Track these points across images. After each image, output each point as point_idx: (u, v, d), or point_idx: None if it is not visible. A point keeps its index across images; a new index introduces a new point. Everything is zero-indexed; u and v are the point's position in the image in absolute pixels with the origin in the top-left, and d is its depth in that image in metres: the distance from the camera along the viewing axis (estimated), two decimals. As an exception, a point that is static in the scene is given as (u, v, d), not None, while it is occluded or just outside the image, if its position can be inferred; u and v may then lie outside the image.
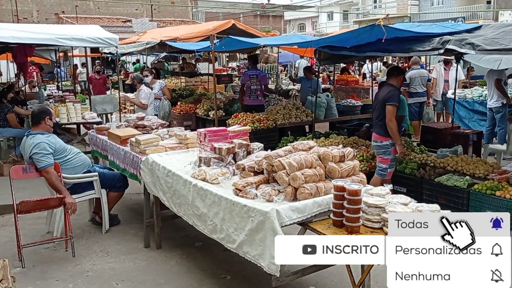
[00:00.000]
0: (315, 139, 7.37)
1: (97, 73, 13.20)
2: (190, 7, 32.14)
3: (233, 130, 4.74)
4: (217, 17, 33.71)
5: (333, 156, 3.54)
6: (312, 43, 7.21)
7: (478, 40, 4.96)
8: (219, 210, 3.54)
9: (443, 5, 36.63)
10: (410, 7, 38.66)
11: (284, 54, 16.04)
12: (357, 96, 11.07)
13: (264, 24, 43.97)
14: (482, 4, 35.19)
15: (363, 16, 40.54)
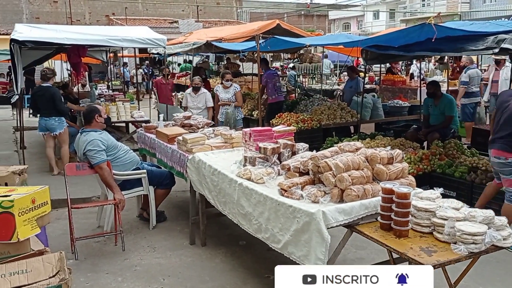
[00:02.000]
0: (360, 140, 7.25)
1: (163, 76, 11.49)
2: (235, 7, 32.42)
3: (278, 130, 4.74)
4: (262, 17, 33.81)
5: (381, 158, 3.47)
6: (359, 42, 7.12)
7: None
8: (264, 210, 3.55)
9: (496, 3, 35.10)
10: (461, 5, 37.31)
11: (329, 54, 15.89)
12: (404, 97, 10.81)
13: (308, 24, 43.72)
14: (540, 0, 33.46)
15: (410, 14, 39.50)
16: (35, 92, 7.95)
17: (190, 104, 8.22)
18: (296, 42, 8.72)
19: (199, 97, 8.22)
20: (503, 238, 2.74)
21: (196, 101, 8.20)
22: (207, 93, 8.30)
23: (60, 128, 7.43)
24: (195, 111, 7.91)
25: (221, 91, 8.42)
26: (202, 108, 8.16)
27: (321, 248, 3.04)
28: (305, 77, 18.86)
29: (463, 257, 2.68)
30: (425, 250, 2.73)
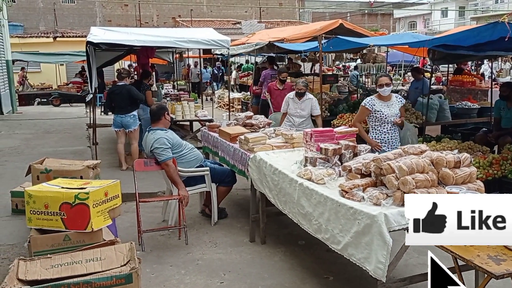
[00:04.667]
0: (426, 143, 7.02)
1: (280, 81, 8.61)
2: (297, 8, 32.38)
3: (340, 131, 4.72)
4: (324, 17, 33.55)
5: (447, 161, 3.37)
6: (426, 42, 6.90)
7: None
8: (325, 210, 3.56)
9: None
10: (539, 0, 34.89)
11: (393, 54, 15.46)
12: (474, 98, 10.31)
13: (372, 23, 42.76)
14: None
15: (481, 12, 37.50)
16: (112, 90, 8.40)
17: (292, 111, 6.91)
18: (359, 42, 8.59)
19: (303, 103, 6.89)
20: None
21: (300, 108, 6.87)
22: (313, 100, 6.98)
23: (134, 125, 7.87)
24: (297, 119, 6.86)
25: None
26: (306, 116, 6.90)
27: (382, 251, 3.01)
28: (367, 77, 18.51)
29: (537, 267, 2.55)
30: (493, 259, 2.62)
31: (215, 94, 17.92)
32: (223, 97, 16.37)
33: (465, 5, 42.72)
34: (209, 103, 15.11)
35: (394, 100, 5.38)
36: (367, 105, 5.29)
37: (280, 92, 8.42)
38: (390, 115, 5.27)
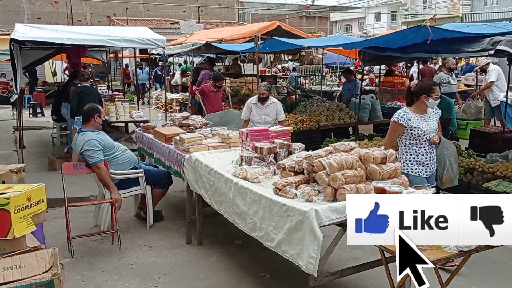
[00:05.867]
0: (359, 141, 7.28)
1: (215, 85, 8.31)
2: (236, 9, 32.49)
3: (275, 130, 4.77)
4: (263, 19, 33.88)
5: (374, 157, 3.50)
6: (357, 44, 7.15)
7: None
8: (259, 209, 3.58)
9: (498, 5, 35.10)
10: (462, 7, 37.32)
11: (329, 56, 15.92)
12: (403, 99, 10.80)
13: (309, 26, 43.78)
14: (541, 3, 33.48)
15: (411, 16, 39.53)
16: (82, 90, 8.02)
17: (256, 117, 6.34)
18: (294, 44, 8.74)
19: (268, 108, 6.37)
20: (493, 237, 2.76)
21: (264, 114, 6.36)
22: (277, 104, 6.52)
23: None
24: (262, 126, 5.99)
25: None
26: (272, 122, 6.35)
27: (313, 247, 3.07)
28: (305, 78, 18.92)
29: (453, 256, 2.70)
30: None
31: (151, 95, 17.57)
32: (161, 98, 16.07)
33: (397, 9, 44.82)
34: (146, 105, 14.80)
35: (431, 112, 4.29)
36: (401, 120, 4.15)
37: (215, 94, 8.37)
38: (429, 132, 4.20)
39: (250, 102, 6.49)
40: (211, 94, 8.36)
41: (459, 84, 13.12)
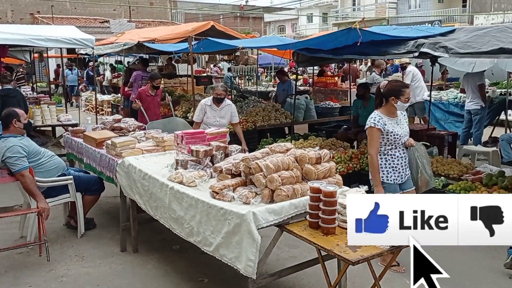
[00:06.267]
0: (294, 141, 7.40)
1: (152, 86, 7.94)
2: (169, 8, 31.95)
3: (211, 132, 4.72)
4: (197, 19, 33.57)
5: (309, 158, 3.55)
6: (291, 45, 7.26)
7: (451, 43, 5.06)
8: (196, 213, 3.52)
9: (420, 8, 37.28)
10: (388, 10, 39.22)
11: (264, 56, 16.08)
12: (336, 98, 11.17)
13: (244, 26, 44.02)
14: (457, 7, 35.95)
15: (342, 18, 40.97)
16: (5, 94, 7.47)
17: (210, 120, 6.05)
18: (229, 44, 8.72)
19: (223, 110, 6.11)
20: (421, 231, 2.89)
21: (219, 116, 6.09)
22: (232, 106, 6.28)
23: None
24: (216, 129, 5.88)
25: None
26: (226, 124, 6.14)
27: (252, 249, 3.05)
28: (241, 78, 18.97)
29: (386, 251, 2.80)
30: (351, 246, 2.81)
31: (81, 96, 16.83)
32: (91, 100, 15.43)
33: (328, 11, 46.24)
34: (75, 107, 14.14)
35: (401, 115, 4.15)
36: (378, 125, 3.96)
37: (153, 98, 7.98)
38: (403, 135, 4.07)
39: (205, 103, 6.13)
40: (148, 98, 7.91)
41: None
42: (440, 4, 37.04)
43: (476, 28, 5.75)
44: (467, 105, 8.54)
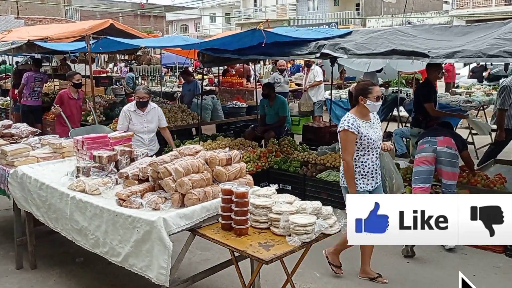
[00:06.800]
0: (202, 142, 7.33)
1: (74, 86, 7.19)
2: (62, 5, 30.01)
3: (115, 136, 4.49)
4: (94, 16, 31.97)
5: (219, 159, 3.52)
6: (196, 45, 7.17)
7: (349, 45, 5.34)
8: (101, 223, 3.31)
9: (318, 11, 39.13)
10: (289, 11, 40.62)
11: (168, 56, 15.75)
12: (242, 98, 11.28)
13: (145, 25, 42.82)
14: (352, 10, 38.30)
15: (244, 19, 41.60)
16: None
17: (137, 127, 5.53)
18: (130, 44, 8.39)
19: (149, 115, 5.63)
20: (329, 226, 3.01)
21: (145, 121, 5.61)
22: (158, 109, 5.80)
23: None
24: (147, 136, 5.59)
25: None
26: (155, 130, 5.73)
27: (163, 256, 2.95)
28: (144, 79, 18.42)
29: (297, 248, 2.86)
30: (263, 246, 2.84)
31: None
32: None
33: (230, 11, 46.64)
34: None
35: (373, 118, 3.93)
36: (352, 128, 3.71)
37: (76, 102, 7.23)
38: (377, 140, 3.84)
39: (128, 109, 5.59)
40: (71, 102, 7.14)
41: (290, 83, 14.21)
42: (336, 7, 39.19)
43: (370, 30, 6.14)
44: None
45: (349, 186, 3.82)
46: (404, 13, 22.32)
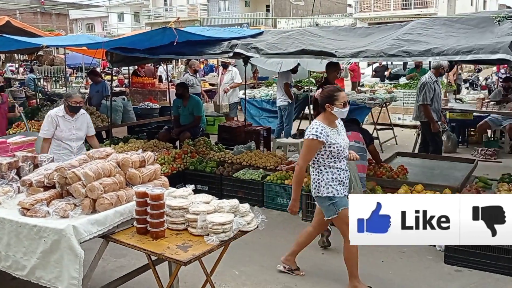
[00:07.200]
0: (114, 145, 7.05)
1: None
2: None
3: (15, 141, 4.17)
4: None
5: (132, 161, 3.41)
6: (103, 44, 6.87)
7: (261, 44, 5.45)
8: (3, 235, 3.06)
9: (230, 11, 39.45)
10: (200, 11, 40.48)
11: (72, 56, 14.92)
12: (155, 99, 11.02)
13: (46, 23, 40.23)
14: (262, 11, 39.13)
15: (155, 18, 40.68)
16: None
17: (64, 133, 4.99)
18: (31, 42, 7.84)
19: (78, 121, 5.10)
20: (247, 223, 3.04)
21: (74, 128, 5.06)
22: (86, 115, 5.30)
23: None
24: (75, 143, 5.05)
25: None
26: (83, 138, 5.19)
27: (74, 266, 2.79)
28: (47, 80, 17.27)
29: (216, 247, 2.86)
30: (181, 247, 2.80)
31: None
32: None
33: (139, 10, 45.36)
34: None
35: (339, 125, 3.81)
36: (321, 137, 3.56)
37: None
38: (345, 147, 3.73)
39: (56, 114, 5.01)
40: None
41: (204, 83, 14.16)
42: (247, 8, 39.82)
43: (281, 31, 6.31)
44: (278, 101, 9.31)
45: (294, 190, 3.81)
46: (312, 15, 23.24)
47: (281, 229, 5.22)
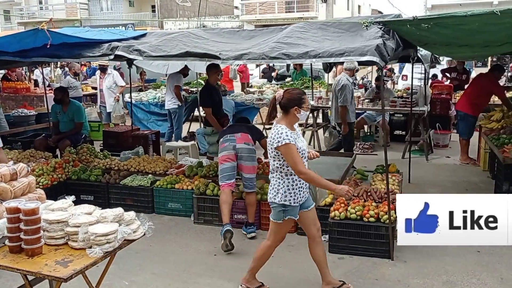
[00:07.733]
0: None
1: None
2: None
3: None
4: None
5: (2, 175, 3.12)
6: (-36, 46, 6.15)
7: (144, 46, 5.31)
8: None
9: (113, 11, 37.88)
10: (80, 11, 38.28)
11: None
12: (30, 105, 10.19)
13: None
14: (148, 12, 38.20)
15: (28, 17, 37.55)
16: None
17: None
18: None
19: None
20: (133, 231, 2.95)
21: None
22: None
23: None
24: None
25: None
26: None
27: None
28: None
29: (100, 259, 2.72)
30: (61, 263, 2.63)
31: None
32: None
33: (10, 9, 41.55)
34: None
35: (297, 128, 3.72)
36: (292, 141, 3.44)
37: None
38: (306, 149, 3.67)
39: None
40: None
41: (86, 87, 13.43)
42: (131, 8, 38.57)
43: (165, 32, 6.21)
44: (167, 104, 9.12)
45: (325, 185, 3.64)
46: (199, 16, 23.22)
47: (172, 234, 5.15)
